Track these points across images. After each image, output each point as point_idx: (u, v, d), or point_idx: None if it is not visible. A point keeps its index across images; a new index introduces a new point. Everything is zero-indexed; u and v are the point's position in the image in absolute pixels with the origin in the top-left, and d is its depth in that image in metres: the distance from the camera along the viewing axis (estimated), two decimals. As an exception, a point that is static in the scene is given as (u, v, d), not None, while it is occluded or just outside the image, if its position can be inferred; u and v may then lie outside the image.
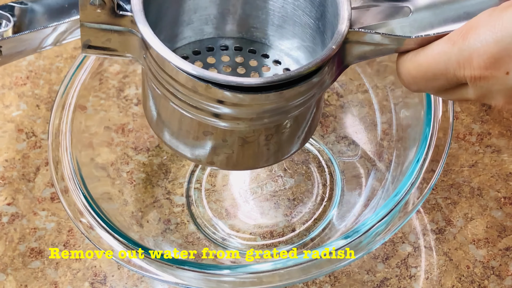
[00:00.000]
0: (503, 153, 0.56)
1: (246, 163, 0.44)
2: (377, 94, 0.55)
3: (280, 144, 0.42)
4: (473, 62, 0.35)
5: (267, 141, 0.42)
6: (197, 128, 0.41)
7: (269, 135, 0.41)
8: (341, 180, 0.55)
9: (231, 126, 0.40)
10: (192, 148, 0.43)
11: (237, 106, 0.38)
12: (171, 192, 0.56)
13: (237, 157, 0.42)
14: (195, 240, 0.54)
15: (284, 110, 0.39)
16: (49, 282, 0.53)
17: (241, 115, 0.39)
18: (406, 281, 0.51)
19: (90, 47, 0.40)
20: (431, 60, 0.37)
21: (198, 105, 0.39)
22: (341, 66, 0.40)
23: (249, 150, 0.42)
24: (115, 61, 0.56)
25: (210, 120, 0.40)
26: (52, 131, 0.50)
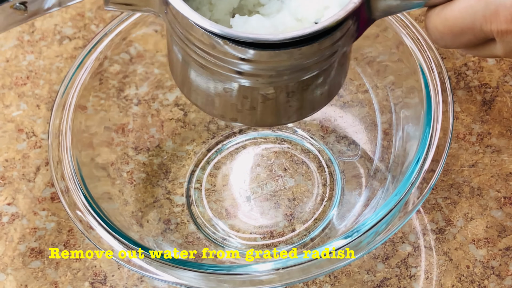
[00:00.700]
0: (503, 153, 0.56)
1: (269, 120, 0.43)
2: (377, 94, 0.55)
3: (303, 101, 0.41)
4: (500, 15, 0.34)
5: (288, 98, 0.41)
6: (218, 84, 0.40)
7: (290, 92, 0.40)
8: (341, 180, 0.55)
9: (250, 83, 0.39)
10: (215, 105, 0.42)
11: (255, 62, 0.38)
12: (171, 192, 0.56)
13: (259, 113, 0.42)
14: (195, 240, 0.54)
15: (305, 67, 0.38)
16: (49, 282, 0.53)
17: (260, 72, 0.38)
18: (406, 281, 0.51)
19: (111, 2, 0.40)
20: (457, 14, 0.36)
21: (217, 61, 0.38)
22: (366, 21, 0.39)
23: (271, 107, 0.41)
24: (115, 61, 0.56)
25: (230, 75, 0.39)
26: (52, 131, 0.50)
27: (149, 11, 0.40)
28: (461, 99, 0.58)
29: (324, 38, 0.37)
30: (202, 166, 0.57)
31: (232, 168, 0.57)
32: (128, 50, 0.56)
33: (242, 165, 0.57)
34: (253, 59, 0.37)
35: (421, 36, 0.51)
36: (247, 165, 0.57)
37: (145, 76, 0.58)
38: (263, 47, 0.37)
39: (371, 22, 0.40)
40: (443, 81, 0.48)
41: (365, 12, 0.39)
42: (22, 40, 0.64)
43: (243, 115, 0.42)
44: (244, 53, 0.37)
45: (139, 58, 0.57)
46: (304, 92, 0.41)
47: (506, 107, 0.57)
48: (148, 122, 0.57)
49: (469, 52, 0.39)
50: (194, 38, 0.38)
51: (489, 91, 0.58)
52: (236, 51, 0.37)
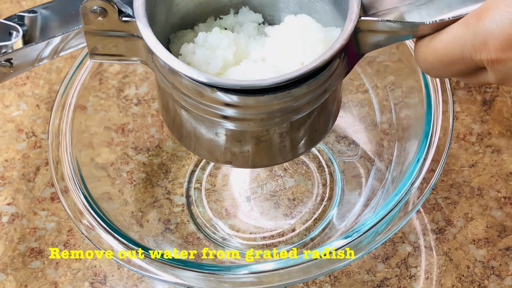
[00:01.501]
0: (503, 153, 0.56)
1: (263, 161, 0.43)
2: (377, 94, 0.55)
3: (296, 140, 0.42)
4: (489, 45, 0.34)
5: (282, 139, 0.41)
6: (209, 130, 0.41)
7: (283, 133, 0.40)
8: (341, 180, 0.55)
9: (242, 127, 0.40)
10: (208, 149, 0.42)
11: (245, 108, 0.38)
12: (171, 192, 0.56)
13: (253, 156, 0.42)
14: (195, 240, 0.54)
15: (295, 108, 0.38)
16: (49, 282, 0.53)
17: (250, 116, 0.38)
18: (406, 281, 0.51)
19: (97, 54, 0.40)
20: (446, 45, 0.35)
21: (207, 108, 0.38)
22: (355, 56, 0.39)
23: (265, 148, 0.41)
24: (115, 61, 0.56)
25: (220, 121, 0.39)
26: (52, 131, 0.50)
27: (136, 61, 0.40)
28: (461, 99, 0.58)
29: (313, 79, 0.37)
30: (202, 166, 0.57)
31: (232, 168, 0.57)
32: (128, 50, 0.56)
33: (242, 165, 0.57)
34: (242, 104, 0.38)
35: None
36: (247, 165, 0.57)
37: (145, 76, 0.58)
38: (252, 92, 0.37)
39: (361, 57, 0.40)
40: (443, 81, 0.48)
41: (353, 48, 0.39)
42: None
43: (238, 158, 0.42)
44: (233, 99, 0.37)
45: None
46: (298, 131, 0.41)
47: (506, 107, 0.57)
48: (148, 122, 0.57)
49: (462, 80, 0.39)
50: (181, 86, 0.38)
51: (489, 91, 0.58)
52: (224, 98, 0.37)
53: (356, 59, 0.40)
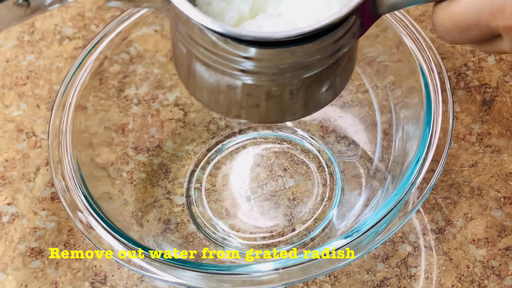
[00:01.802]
0: (503, 153, 0.56)
1: (273, 117, 0.42)
2: (377, 94, 0.55)
3: (307, 98, 0.41)
4: (506, 11, 0.33)
5: (292, 95, 0.40)
6: (221, 82, 0.40)
7: (294, 89, 0.40)
8: (341, 180, 0.55)
9: (253, 80, 0.39)
10: (219, 102, 0.42)
11: (257, 60, 0.37)
12: (171, 192, 0.56)
13: (263, 110, 0.41)
14: (195, 240, 0.54)
15: (308, 64, 0.38)
16: (49, 282, 0.53)
17: (262, 70, 0.38)
18: (406, 281, 0.51)
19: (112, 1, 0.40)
20: (463, 10, 0.35)
21: (220, 59, 0.38)
22: (371, 17, 0.38)
23: (275, 104, 0.41)
24: (115, 61, 0.56)
25: (233, 73, 0.38)
26: (52, 131, 0.50)
27: (151, 7, 0.40)
28: (461, 99, 0.58)
29: (327, 35, 0.36)
30: (202, 166, 0.57)
31: (232, 168, 0.57)
32: (128, 50, 0.56)
33: (242, 165, 0.57)
34: (255, 57, 0.37)
35: (421, 36, 0.50)
36: (247, 165, 0.57)
37: (145, 76, 0.58)
38: (265, 45, 0.36)
39: (377, 18, 0.39)
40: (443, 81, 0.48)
41: (370, 8, 0.38)
42: (22, 40, 0.64)
43: (247, 112, 0.42)
44: (246, 51, 0.37)
45: (139, 58, 0.57)
46: (308, 89, 0.40)
47: (506, 107, 0.57)
48: (148, 122, 0.57)
49: (477, 48, 0.38)
50: (196, 36, 0.38)
51: (489, 91, 0.58)
52: (238, 49, 0.37)
53: (372, 20, 0.39)
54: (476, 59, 0.60)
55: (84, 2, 0.66)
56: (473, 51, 0.60)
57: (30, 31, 0.65)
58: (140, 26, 0.55)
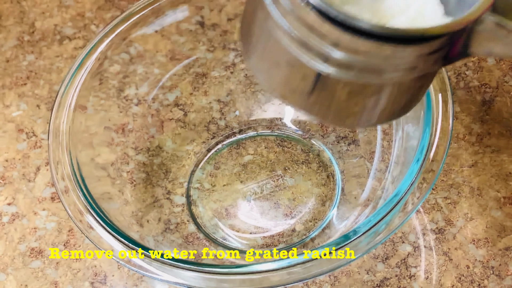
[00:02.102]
0: (503, 153, 0.56)
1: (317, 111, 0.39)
2: (377, 94, 0.55)
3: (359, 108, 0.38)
4: None
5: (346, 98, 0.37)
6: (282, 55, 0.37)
7: (352, 92, 0.37)
8: (341, 180, 0.55)
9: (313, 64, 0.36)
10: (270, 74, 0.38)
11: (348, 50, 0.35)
12: (171, 192, 0.56)
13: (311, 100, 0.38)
14: (195, 240, 0.54)
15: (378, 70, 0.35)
16: (49, 282, 0.53)
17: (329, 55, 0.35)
18: (406, 281, 0.51)
19: None
20: None
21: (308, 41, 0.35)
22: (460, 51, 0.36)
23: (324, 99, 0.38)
24: (115, 61, 0.56)
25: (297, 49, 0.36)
26: (52, 131, 0.50)
27: None
28: (461, 99, 0.58)
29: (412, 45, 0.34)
30: (202, 166, 0.57)
31: (232, 168, 0.57)
32: (128, 50, 0.56)
33: (242, 165, 0.57)
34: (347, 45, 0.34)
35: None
36: (247, 165, 0.57)
37: (145, 76, 0.58)
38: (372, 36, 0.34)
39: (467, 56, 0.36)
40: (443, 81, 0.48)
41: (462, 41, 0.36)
42: (22, 40, 0.64)
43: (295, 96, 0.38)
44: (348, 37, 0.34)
45: (139, 58, 0.57)
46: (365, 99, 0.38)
47: (506, 107, 0.57)
48: (148, 122, 0.57)
49: None
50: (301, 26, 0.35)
51: (489, 91, 0.58)
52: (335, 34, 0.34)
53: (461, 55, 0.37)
54: (476, 59, 0.60)
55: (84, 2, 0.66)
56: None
57: (30, 31, 0.65)
58: (140, 26, 0.55)
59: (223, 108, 0.59)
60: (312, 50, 0.36)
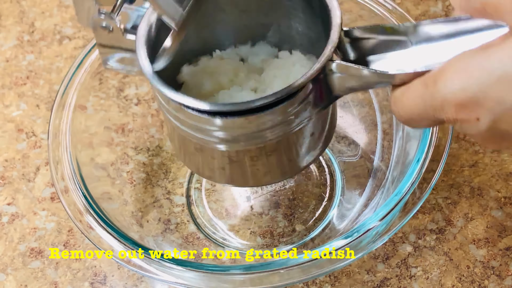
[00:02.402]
0: (503, 153, 0.56)
1: (239, 181, 0.45)
2: (377, 94, 0.55)
3: (269, 166, 0.43)
4: (445, 108, 0.34)
5: (253, 162, 0.42)
6: (189, 144, 0.43)
7: (253, 156, 0.42)
8: (341, 180, 0.55)
9: (212, 145, 0.41)
10: (193, 162, 0.45)
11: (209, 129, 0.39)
12: (171, 192, 0.56)
13: (228, 173, 0.43)
14: (195, 240, 0.54)
15: (258, 135, 0.40)
16: (49, 282, 0.53)
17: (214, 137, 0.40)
18: (406, 281, 0.51)
19: (108, 64, 0.42)
20: (411, 102, 0.36)
21: (182, 122, 0.40)
22: (327, 96, 0.40)
23: (237, 169, 0.43)
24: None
25: (195, 136, 0.41)
26: (52, 131, 0.50)
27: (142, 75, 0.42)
28: (461, 99, 0.58)
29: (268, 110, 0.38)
30: (202, 166, 0.57)
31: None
32: (128, 50, 0.56)
33: (242, 165, 0.57)
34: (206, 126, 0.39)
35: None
36: (247, 165, 0.57)
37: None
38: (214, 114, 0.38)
39: (335, 98, 0.41)
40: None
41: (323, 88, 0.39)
42: (22, 40, 0.64)
43: (216, 174, 0.44)
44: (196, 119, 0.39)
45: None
46: (269, 157, 0.42)
47: (506, 107, 0.57)
48: (148, 122, 0.57)
49: None
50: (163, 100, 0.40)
51: (489, 91, 0.58)
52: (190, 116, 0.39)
53: (330, 100, 0.41)
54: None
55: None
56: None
57: (30, 31, 0.65)
58: (140, 26, 0.55)
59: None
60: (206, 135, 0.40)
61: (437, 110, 0.35)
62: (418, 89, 0.36)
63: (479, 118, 0.34)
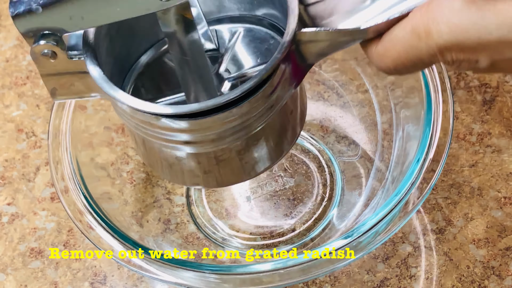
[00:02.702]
0: (503, 153, 0.56)
1: (228, 180, 0.44)
2: (377, 94, 0.55)
3: (257, 156, 0.42)
4: (444, 54, 0.34)
5: (241, 156, 0.41)
6: (171, 155, 0.41)
7: (240, 150, 0.41)
8: (341, 180, 0.55)
9: (197, 150, 0.40)
10: (175, 174, 0.43)
11: (192, 131, 0.38)
12: (171, 192, 0.56)
13: (217, 175, 0.42)
14: (195, 240, 0.54)
15: (245, 125, 0.39)
16: (49, 282, 0.53)
17: (200, 139, 0.39)
18: (406, 281, 0.51)
19: (58, 94, 0.40)
20: (402, 54, 0.35)
21: (160, 135, 0.39)
22: (302, 67, 0.39)
23: (226, 167, 0.42)
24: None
25: (175, 146, 0.39)
26: (52, 131, 0.50)
27: (95, 96, 0.40)
28: (461, 99, 0.58)
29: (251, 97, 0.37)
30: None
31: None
32: (128, 50, 0.56)
33: (242, 165, 0.57)
34: (188, 129, 0.38)
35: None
36: (247, 165, 0.57)
37: (145, 76, 0.58)
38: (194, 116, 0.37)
39: (309, 67, 0.40)
40: (443, 81, 0.48)
41: (296, 61, 0.39)
42: (22, 40, 0.64)
43: (202, 179, 0.43)
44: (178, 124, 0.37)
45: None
46: (257, 147, 0.41)
47: (506, 107, 0.57)
48: (148, 122, 0.57)
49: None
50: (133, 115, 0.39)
51: (489, 91, 0.58)
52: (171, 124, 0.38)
53: (304, 70, 0.40)
54: (476, 59, 0.59)
55: (84, 2, 0.66)
56: (473, 51, 0.60)
57: (30, 31, 0.65)
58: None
59: (223, 108, 0.59)
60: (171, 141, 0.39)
61: (435, 57, 0.34)
62: (409, 40, 0.35)
63: (478, 60, 0.34)
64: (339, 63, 0.57)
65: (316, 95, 0.58)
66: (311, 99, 0.58)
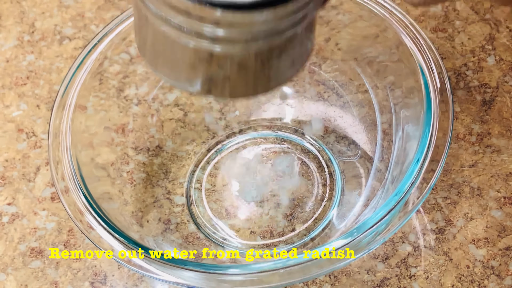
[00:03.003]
0: (503, 153, 0.56)
1: (244, 90, 0.42)
2: (377, 94, 0.55)
3: (277, 68, 0.41)
4: None
5: (263, 65, 0.40)
6: (191, 55, 0.39)
7: (264, 58, 0.40)
8: (341, 180, 0.55)
9: (225, 50, 0.38)
10: (188, 78, 0.41)
11: (230, 26, 0.37)
12: (171, 192, 0.56)
13: (234, 83, 0.41)
14: (195, 240, 0.54)
15: (278, 30, 0.38)
16: (49, 282, 0.53)
17: (235, 36, 0.37)
18: (406, 281, 0.51)
19: None
20: None
21: (191, 28, 0.37)
22: None
23: (246, 75, 0.40)
24: (115, 61, 0.56)
25: (204, 43, 0.38)
26: (52, 131, 0.50)
27: None
28: (461, 99, 0.58)
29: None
30: (202, 166, 0.57)
31: (232, 168, 0.57)
32: (128, 50, 0.56)
33: (242, 165, 0.57)
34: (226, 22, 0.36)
35: (421, 36, 0.51)
36: (247, 165, 0.57)
37: (145, 76, 0.58)
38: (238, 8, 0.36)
39: None
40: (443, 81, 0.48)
41: None
42: (22, 40, 0.64)
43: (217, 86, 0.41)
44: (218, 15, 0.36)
45: (139, 58, 0.57)
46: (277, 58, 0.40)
47: (506, 107, 0.57)
48: (148, 122, 0.57)
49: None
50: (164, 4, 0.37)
51: (489, 91, 0.58)
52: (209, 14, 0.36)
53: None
54: (476, 59, 0.60)
55: (84, 2, 0.66)
56: (473, 51, 0.60)
57: (30, 31, 0.65)
58: (140, 26, 0.55)
59: (223, 108, 0.59)
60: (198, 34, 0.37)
61: None
62: None
63: None
64: (339, 63, 0.57)
65: (316, 95, 0.58)
66: (311, 99, 0.58)
